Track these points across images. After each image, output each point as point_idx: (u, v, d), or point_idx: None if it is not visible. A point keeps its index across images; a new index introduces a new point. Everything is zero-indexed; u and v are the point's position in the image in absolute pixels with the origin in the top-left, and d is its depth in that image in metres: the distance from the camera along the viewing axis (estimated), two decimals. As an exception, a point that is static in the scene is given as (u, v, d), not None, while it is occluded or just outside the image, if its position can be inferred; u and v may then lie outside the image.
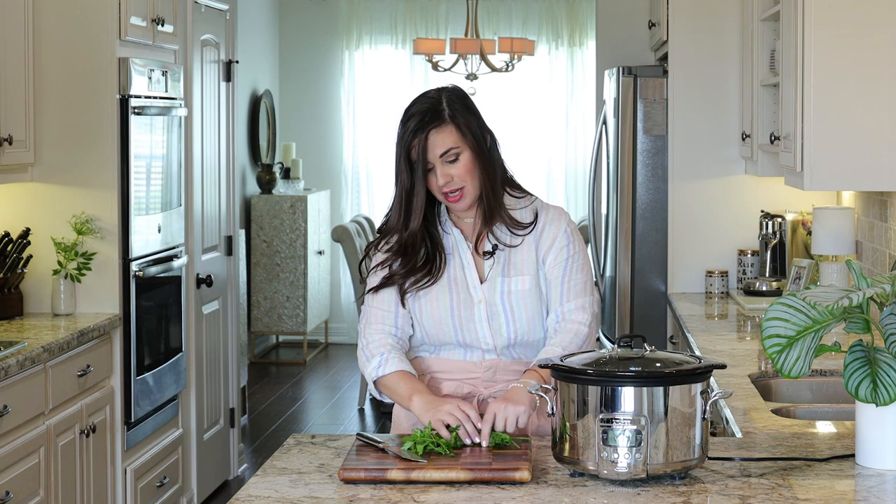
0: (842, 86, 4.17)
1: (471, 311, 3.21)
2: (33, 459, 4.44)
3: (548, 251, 3.24)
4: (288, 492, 2.66)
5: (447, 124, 3.17)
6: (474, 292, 3.22)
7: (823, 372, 3.91)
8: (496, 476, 2.69)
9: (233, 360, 6.73)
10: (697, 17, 5.95)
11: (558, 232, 3.25)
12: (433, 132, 3.16)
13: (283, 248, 10.23)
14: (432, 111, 3.18)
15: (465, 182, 3.16)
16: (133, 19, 5.26)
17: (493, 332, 3.21)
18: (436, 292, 3.22)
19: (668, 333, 6.04)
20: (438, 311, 3.22)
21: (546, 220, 3.26)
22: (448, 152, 3.16)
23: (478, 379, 3.24)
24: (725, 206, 5.97)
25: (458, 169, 3.16)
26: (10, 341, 4.51)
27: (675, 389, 2.65)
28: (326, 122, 11.24)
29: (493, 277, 3.23)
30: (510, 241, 3.24)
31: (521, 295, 3.22)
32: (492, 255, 3.24)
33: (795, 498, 2.57)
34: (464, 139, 3.17)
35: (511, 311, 3.21)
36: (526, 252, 3.24)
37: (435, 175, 3.16)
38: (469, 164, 3.17)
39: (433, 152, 3.15)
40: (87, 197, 5.21)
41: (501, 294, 3.21)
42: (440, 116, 3.17)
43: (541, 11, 11.01)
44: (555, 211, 3.29)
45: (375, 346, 3.21)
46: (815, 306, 2.74)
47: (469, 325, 3.21)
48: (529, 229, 3.24)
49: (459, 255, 3.24)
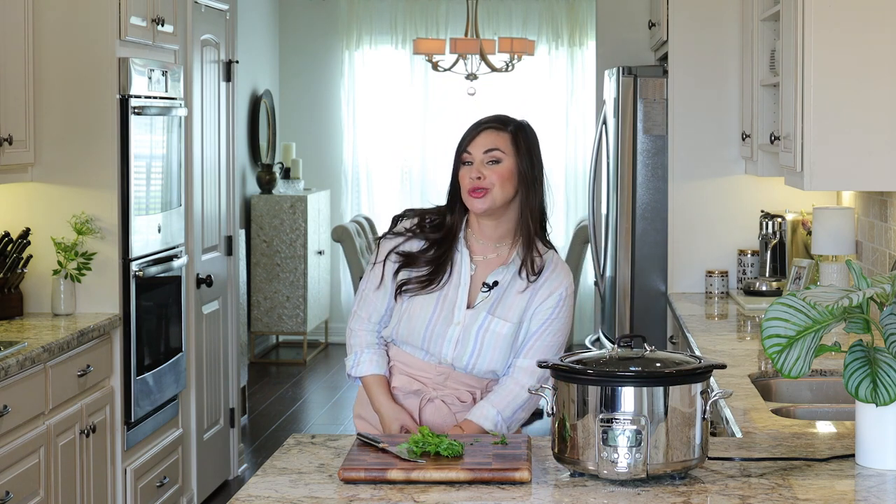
0: (842, 86, 4.17)
1: (444, 329, 3.30)
2: (33, 459, 4.44)
3: (539, 305, 3.32)
4: (288, 492, 2.66)
5: (504, 131, 3.28)
6: (457, 312, 3.30)
7: (823, 372, 3.91)
8: (496, 476, 2.69)
9: (233, 360, 6.73)
10: (697, 17, 5.95)
11: (554, 292, 3.32)
12: (487, 130, 3.27)
13: (283, 248, 10.23)
14: (499, 120, 3.31)
15: (494, 184, 3.23)
16: (133, 19, 5.26)
17: (457, 354, 3.31)
18: (423, 302, 3.32)
19: (668, 333, 6.03)
20: (417, 320, 3.31)
21: (551, 275, 3.33)
22: (491, 151, 3.25)
23: (429, 379, 3.35)
24: (725, 206, 5.97)
25: (494, 172, 3.24)
26: (10, 341, 4.51)
27: (675, 389, 2.65)
28: (326, 122, 11.24)
29: (479, 308, 3.31)
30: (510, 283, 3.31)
31: (496, 337, 3.30)
32: (490, 288, 3.30)
33: (795, 498, 2.57)
34: (514, 151, 3.27)
35: (480, 346, 3.30)
36: (520, 299, 3.31)
37: (471, 168, 3.25)
38: (507, 173, 3.25)
39: (478, 146, 3.25)
40: (87, 197, 5.21)
41: (479, 328, 3.30)
42: (503, 124, 3.29)
43: (541, 11, 11.01)
44: (562, 269, 3.36)
45: (357, 342, 3.40)
46: (815, 306, 2.74)
47: (437, 340, 3.31)
48: (535, 278, 3.31)
49: (460, 274, 3.31)
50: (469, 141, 3.27)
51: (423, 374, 3.35)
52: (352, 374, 3.40)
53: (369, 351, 3.38)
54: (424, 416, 3.35)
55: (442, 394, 3.34)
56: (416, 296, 3.32)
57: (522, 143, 3.28)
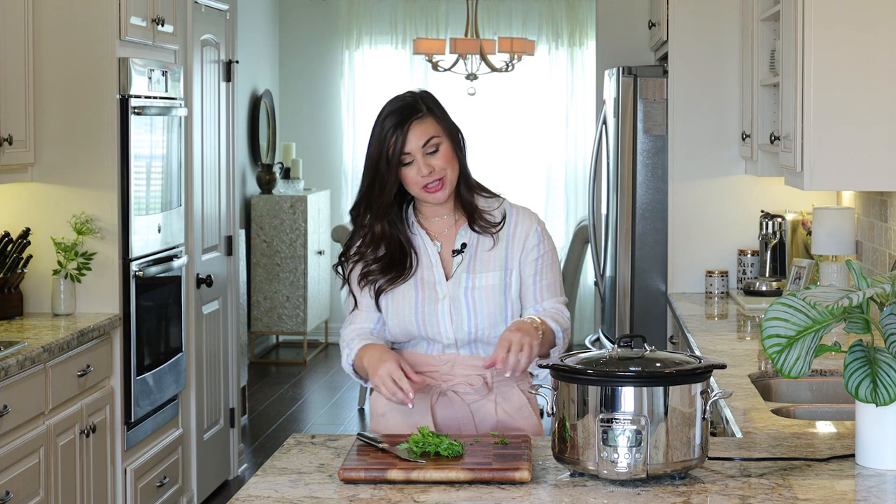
0: (842, 86, 4.17)
1: (434, 307, 3.27)
2: (33, 459, 4.44)
3: (520, 249, 3.31)
4: (288, 492, 2.66)
5: (426, 116, 3.25)
6: (439, 289, 3.28)
7: (823, 372, 3.91)
8: (496, 476, 2.69)
9: (233, 360, 6.73)
10: (697, 17, 5.95)
11: (529, 230, 3.32)
12: (414, 123, 3.22)
13: (283, 248, 10.23)
14: (410, 107, 3.26)
15: (445, 171, 3.23)
16: (133, 19, 5.26)
17: (455, 326, 3.27)
18: (403, 290, 3.29)
19: (668, 333, 6.03)
20: (403, 308, 3.28)
21: (517, 219, 3.33)
22: (429, 142, 3.23)
23: (436, 372, 3.30)
24: (725, 206, 5.97)
25: (438, 160, 3.23)
26: (10, 341, 4.51)
27: (675, 389, 2.65)
28: (326, 122, 11.24)
29: (458, 274, 3.29)
30: (478, 240, 3.30)
31: (484, 290, 3.28)
32: (461, 252, 3.30)
33: (795, 498, 2.57)
34: (443, 130, 3.26)
35: (473, 305, 3.27)
36: (495, 250, 3.30)
37: (416, 166, 3.22)
38: (449, 153, 3.25)
39: (415, 143, 3.21)
40: (87, 197, 5.21)
41: (465, 289, 3.27)
42: (419, 109, 3.25)
43: (541, 11, 11.01)
44: (524, 211, 3.36)
45: (347, 340, 3.32)
46: (815, 306, 2.74)
47: (431, 320, 3.27)
48: (498, 228, 3.30)
49: (428, 255, 3.30)
50: (403, 143, 3.20)
51: (430, 369, 3.30)
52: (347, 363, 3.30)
53: (359, 339, 3.29)
54: (437, 412, 3.27)
55: (452, 384, 3.28)
56: (394, 289, 3.28)
57: (440, 116, 3.26)
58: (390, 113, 3.24)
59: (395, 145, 3.20)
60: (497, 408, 3.30)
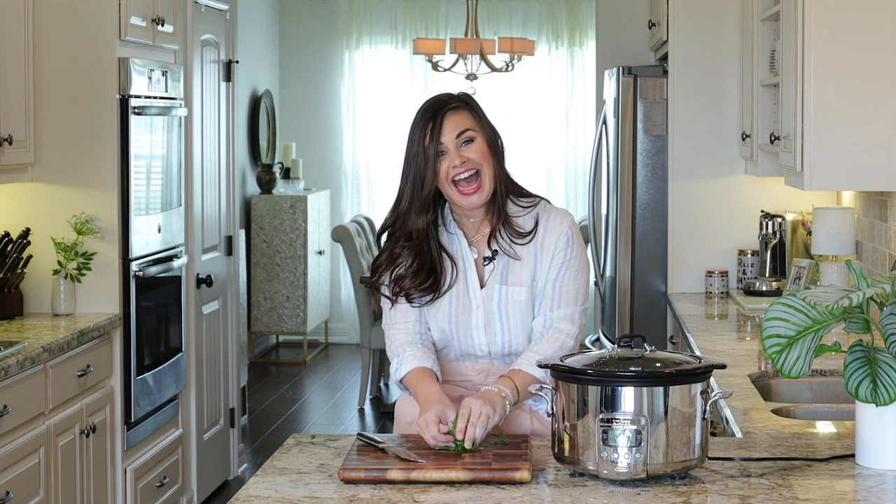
0: (842, 86, 4.17)
1: (468, 317, 3.20)
2: (33, 459, 4.44)
3: (549, 257, 3.21)
4: (288, 492, 2.66)
5: (462, 108, 3.18)
6: (473, 297, 3.21)
7: (823, 372, 3.91)
8: (496, 476, 2.69)
9: (233, 360, 6.73)
10: (697, 17, 5.96)
11: (560, 234, 3.21)
12: (449, 114, 3.15)
13: (283, 248, 10.23)
14: (444, 101, 3.19)
15: (480, 166, 3.14)
16: (133, 19, 5.26)
17: (489, 339, 3.21)
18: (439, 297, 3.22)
19: (668, 333, 6.03)
20: (439, 315, 3.21)
21: (547, 225, 3.22)
22: (464, 133, 3.14)
23: (470, 381, 3.25)
24: (725, 206, 5.97)
25: (472, 152, 3.14)
26: (10, 341, 4.51)
27: (675, 389, 2.65)
28: (326, 122, 11.24)
29: (491, 284, 3.21)
30: (509, 248, 3.21)
31: (517, 305, 3.20)
32: (492, 260, 3.22)
33: (795, 498, 2.57)
34: (479, 125, 3.17)
35: (507, 320, 3.21)
36: (525, 261, 3.21)
37: (449, 157, 3.13)
38: (484, 148, 3.15)
39: (448, 134, 3.14)
40: (87, 197, 5.21)
41: (499, 302, 3.20)
42: (453, 102, 3.18)
43: (541, 11, 11.01)
44: (557, 214, 3.24)
45: (396, 346, 3.21)
46: (815, 306, 2.74)
47: (466, 332, 3.21)
48: (528, 238, 3.21)
49: (462, 258, 3.23)
50: (438, 133, 3.13)
51: (465, 379, 3.25)
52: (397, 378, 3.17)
53: (411, 348, 3.18)
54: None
55: None
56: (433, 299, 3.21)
57: (477, 111, 3.19)
58: (426, 108, 3.18)
59: (429, 135, 3.13)
60: (532, 417, 3.23)
